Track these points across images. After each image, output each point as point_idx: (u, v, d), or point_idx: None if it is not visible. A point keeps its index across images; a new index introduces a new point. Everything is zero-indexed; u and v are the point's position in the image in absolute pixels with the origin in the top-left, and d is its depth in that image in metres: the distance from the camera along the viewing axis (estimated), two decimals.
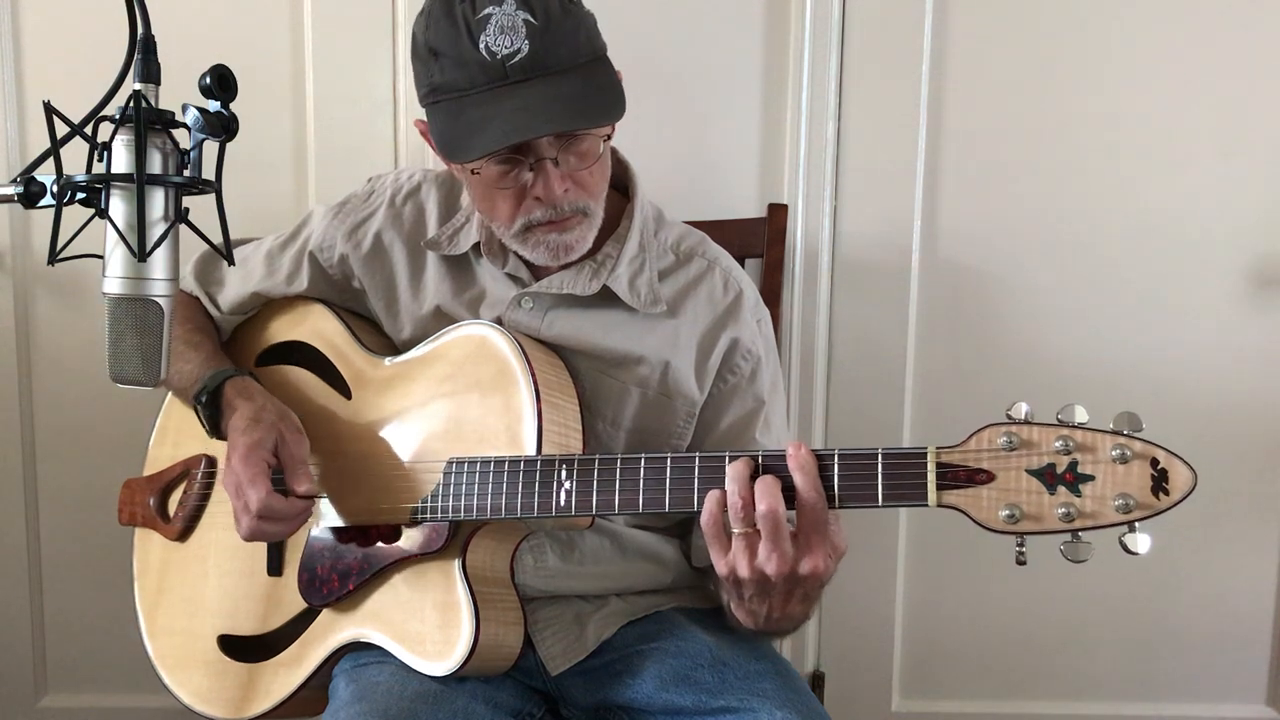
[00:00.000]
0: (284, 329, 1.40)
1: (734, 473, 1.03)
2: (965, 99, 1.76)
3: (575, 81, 1.12)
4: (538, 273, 1.28)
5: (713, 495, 1.04)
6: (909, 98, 1.75)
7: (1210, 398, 1.80)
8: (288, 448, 1.21)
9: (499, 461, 1.14)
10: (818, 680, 1.90)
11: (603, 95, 1.14)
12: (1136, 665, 1.90)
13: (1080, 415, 0.93)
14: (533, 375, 1.16)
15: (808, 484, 1.01)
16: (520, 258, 1.27)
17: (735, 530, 1.03)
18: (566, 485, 1.11)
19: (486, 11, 1.10)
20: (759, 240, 1.70)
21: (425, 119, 1.19)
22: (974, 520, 0.95)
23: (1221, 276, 1.79)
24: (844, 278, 1.80)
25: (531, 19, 1.10)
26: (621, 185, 1.31)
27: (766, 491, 1.01)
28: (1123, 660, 1.90)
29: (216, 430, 1.28)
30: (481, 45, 1.09)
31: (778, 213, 1.72)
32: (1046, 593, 1.86)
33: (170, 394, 1.46)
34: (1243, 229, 1.77)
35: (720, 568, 1.06)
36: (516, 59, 1.09)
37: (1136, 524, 0.90)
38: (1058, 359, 1.80)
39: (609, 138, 1.19)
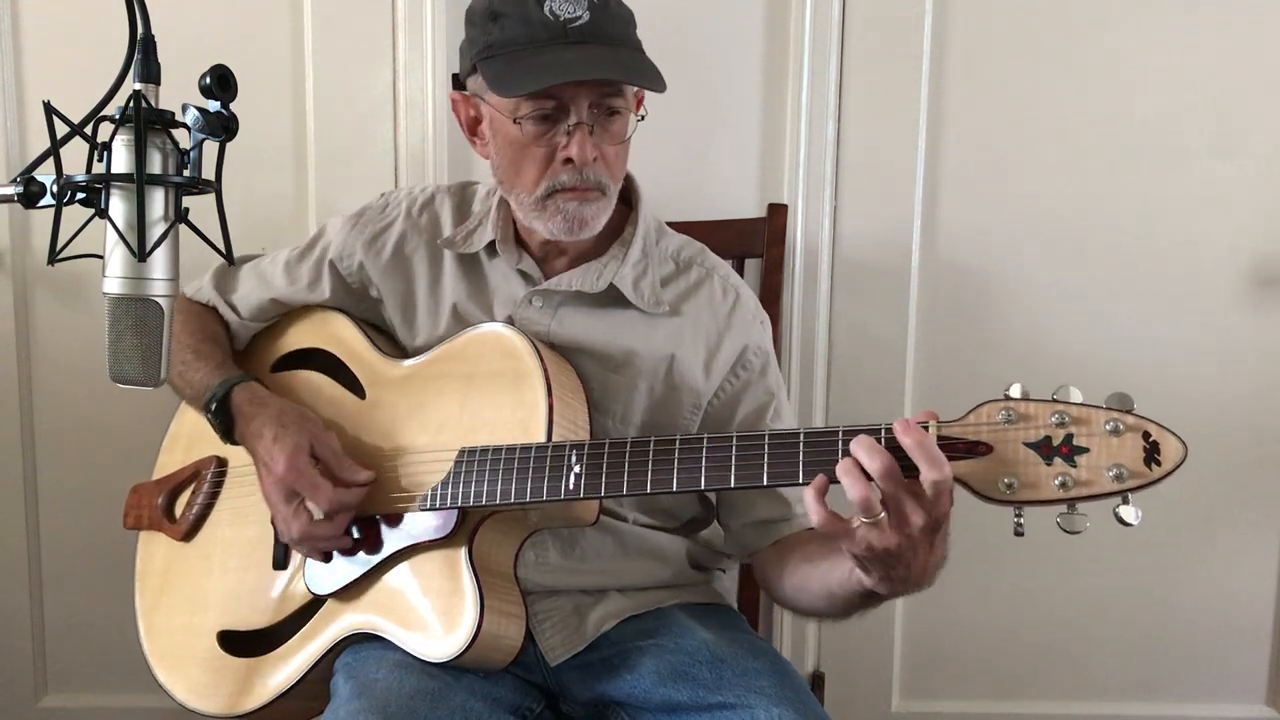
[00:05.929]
0: (300, 336, 1.42)
1: (866, 460, 0.96)
2: (965, 99, 1.76)
3: (627, 53, 1.22)
4: (547, 271, 1.32)
5: (816, 501, 0.98)
6: (909, 98, 1.75)
7: (1210, 397, 1.80)
8: (324, 446, 1.25)
9: (510, 449, 1.17)
10: (818, 680, 1.90)
11: (652, 69, 1.22)
12: (1136, 665, 1.90)
13: (1075, 395, 0.96)
14: (545, 371, 1.19)
15: (925, 453, 0.95)
16: (532, 256, 1.32)
17: (867, 518, 0.97)
18: (576, 469, 1.13)
19: None
20: (759, 240, 1.70)
21: (461, 93, 1.28)
22: (973, 490, 0.96)
23: (1221, 276, 1.79)
24: (844, 278, 1.80)
25: None
26: (625, 195, 1.34)
27: (876, 454, 0.96)
28: (1123, 660, 1.90)
29: (230, 437, 1.31)
30: (546, 8, 1.18)
31: (778, 213, 1.72)
32: (1046, 593, 1.86)
33: (184, 403, 1.47)
34: (1243, 229, 1.77)
35: (857, 550, 1.00)
36: (577, 23, 1.18)
37: (1129, 495, 0.93)
38: (1058, 359, 1.80)
39: (641, 118, 1.25)
